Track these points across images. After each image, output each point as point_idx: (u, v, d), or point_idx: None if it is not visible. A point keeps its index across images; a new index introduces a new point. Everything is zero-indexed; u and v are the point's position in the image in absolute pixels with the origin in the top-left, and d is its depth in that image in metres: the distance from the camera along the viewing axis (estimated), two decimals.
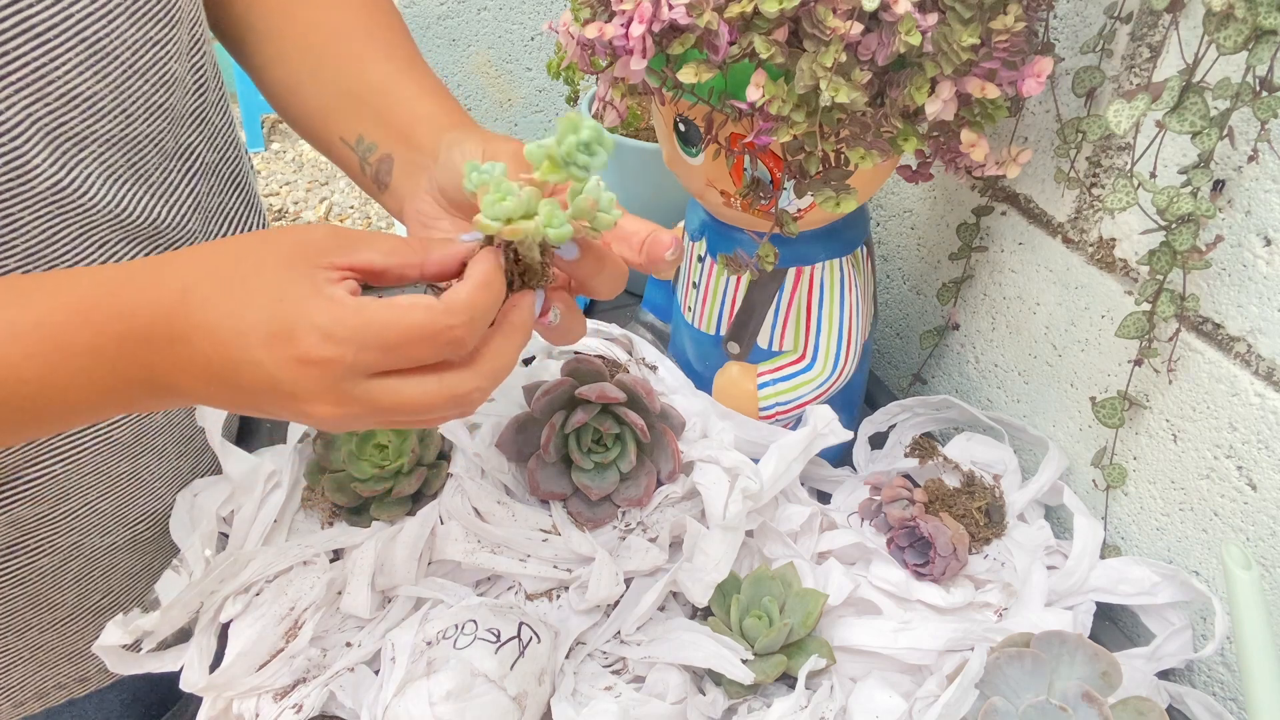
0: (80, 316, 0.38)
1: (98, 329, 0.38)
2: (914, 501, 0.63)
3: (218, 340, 0.37)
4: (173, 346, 0.38)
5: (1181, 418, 0.59)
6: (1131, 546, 0.65)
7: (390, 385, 0.37)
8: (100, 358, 0.38)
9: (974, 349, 0.76)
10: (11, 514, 0.59)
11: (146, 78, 0.54)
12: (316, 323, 0.35)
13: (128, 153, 0.54)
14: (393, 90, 0.54)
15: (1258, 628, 0.46)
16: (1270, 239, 0.51)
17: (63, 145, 0.50)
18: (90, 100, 0.51)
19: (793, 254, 0.63)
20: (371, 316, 0.36)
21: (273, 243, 0.38)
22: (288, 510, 0.62)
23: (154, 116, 0.55)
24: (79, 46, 0.49)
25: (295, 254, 0.37)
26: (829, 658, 0.56)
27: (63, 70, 0.49)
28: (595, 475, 0.61)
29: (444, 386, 0.38)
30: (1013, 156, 0.56)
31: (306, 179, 2.70)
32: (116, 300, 0.38)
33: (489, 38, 1.15)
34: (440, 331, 0.36)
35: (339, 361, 0.36)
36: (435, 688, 0.50)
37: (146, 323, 0.38)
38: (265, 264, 0.37)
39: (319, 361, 0.36)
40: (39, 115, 0.49)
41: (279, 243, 0.38)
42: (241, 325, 0.36)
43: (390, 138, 0.53)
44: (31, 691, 0.68)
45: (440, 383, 0.38)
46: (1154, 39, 0.55)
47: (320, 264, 0.37)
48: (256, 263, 0.37)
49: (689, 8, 0.47)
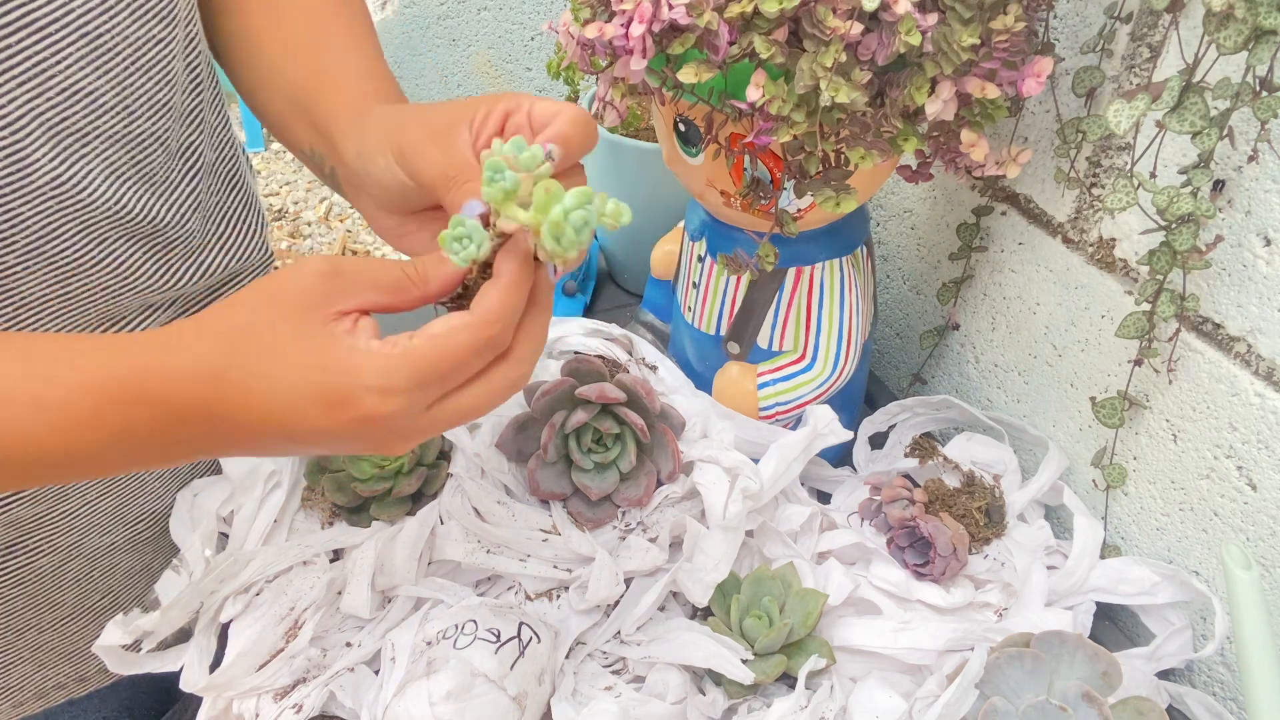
0: (107, 400, 0.38)
1: (126, 412, 0.38)
2: (914, 501, 0.63)
3: (269, 415, 0.37)
4: (213, 425, 0.38)
5: (1181, 418, 0.59)
6: (1131, 546, 0.65)
7: (450, 405, 0.38)
8: (130, 436, 0.38)
9: (974, 349, 0.76)
10: (11, 514, 0.59)
11: (149, 75, 0.54)
12: (369, 384, 0.36)
13: (131, 150, 0.54)
14: (318, 92, 0.53)
15: (1258, 628, 0.46)
16: (1270, 239, 0.51)
17: (64, 140, 0.50)
18: (93, 96, 0.51)
19: (793, 254, 0.63)
20: (419, 357, 0.36)
21: (273, 302, 0.37)
22: (288, 510, 0.62)
23: (157, 114, 0.55)
24: (80, 41, 0.49)
25: (301, 310, 0.37)
26: (829, 658, 0.56)
27: (65, 65, 0.49)
28: (595, 475, 0.61)
29: (494, 386, 0.39)
30: (1013, 156, 0.56)
31: (306, 179, 2.70)
32: (145, 387, 0.38)
33: (489, 38, 1.15)
34: (484, 343, 0.37)
35: (403, 410, 0.36)
36: (435, 688, 0.50)
37: (180, 407, 0.38)
38: (280, 329, 0.37)
39: (384, 416, 0.36)
40: (41, 109, 0.48)
41: (279, 301, 0.37)
42: (289, 399, 0.36)
43: (326, 149, 0.52)
44: (31, 691, 0.68)
45: (490, 384, 0.38)
46: (1154, 39, 0.55)
47: (329, 314, 0.37)
48: (270, 330, 0.37)
49: (689, 8, 0.47)
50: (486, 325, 0.37)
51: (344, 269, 0.38)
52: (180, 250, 0.59)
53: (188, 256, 0.60)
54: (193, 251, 0.60)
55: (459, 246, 0.37)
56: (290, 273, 0.38)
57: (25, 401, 0.38)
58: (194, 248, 0.61)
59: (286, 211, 2.61)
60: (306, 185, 2.70)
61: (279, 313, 0.37)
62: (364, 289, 0.38)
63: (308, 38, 0.56)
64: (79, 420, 0.38)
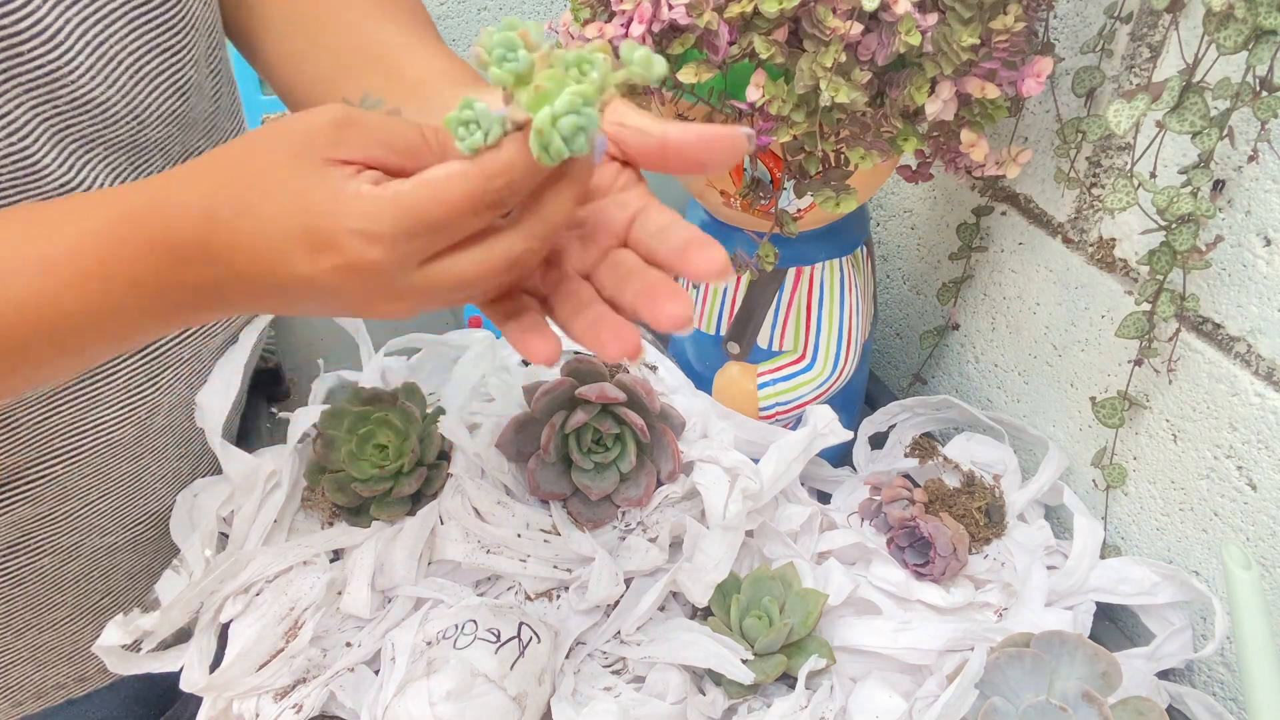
0: (113, 243, 0.36)
1: (132, 260, 0.36)
2: (914, 501, 0.63)
3: (256, 258, 0.35)
4: (212, 267, 0.36)
5: (1181, 418, 0.59)
6: (1131, 546, 0.65)
7: (444, 266, 0.35)
8: (141, 287, 0.37)
9: (974, 349, 0.76)
10: (12, 514, 0.59)
11: (159, 85, 0.54)
12: (353, 227, 0.33)
13: (133, 156, 0.54)
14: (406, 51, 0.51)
15: (1258, 628, 0.46)
16: (1270, 239, 0.51)
17: (70, 146, 0.50)
18: (103, 106, 0.51)
19: (793, 254, 0.63)
20: (409, 202, 0.33)
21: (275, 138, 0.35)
22: (288, 510, 0.62)
23: (166, 123, 0.55)
24: (86, 50, 0.49)
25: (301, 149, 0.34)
26: (829, 658, 0.56)
27: (75, 75, 0.49)
28: (595, 475, 0.61)
29: (493, 253, 0.35)
30: (1013, 156, 0.56)
31: None
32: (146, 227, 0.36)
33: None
34: (481, 196, 0.33)
35: (388, 260, 0.34)
36: (435, 688, 0.50)
37: (180, 246, 0.36)
38: (275, 167, 0.35)
39: (368, 266, 0.34)
40: (48, 116, 0.49)
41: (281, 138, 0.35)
42: (274, 241, 0.34)
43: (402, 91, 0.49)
44: (30, 691, 0.68)
45: (489, 250, 0.35)
46: (1154, 39, 0.55)
47: (330, 159, 0.34)
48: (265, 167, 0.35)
49: (689, 8, 0.47)
50: (487, 177, 0.33)
51: (357, 119, 0.35)
52: None
53: None
54: None
55: (465, 132, 0.33)
56: (300, 115, 0.35)
57: (35, 260, 0.36)
58: None
59: None
60: None
61: (278, 150, 0.35)
62: (374, 144, 0.35)
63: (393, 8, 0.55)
64: (90, 270, 0.36)
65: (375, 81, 0.50)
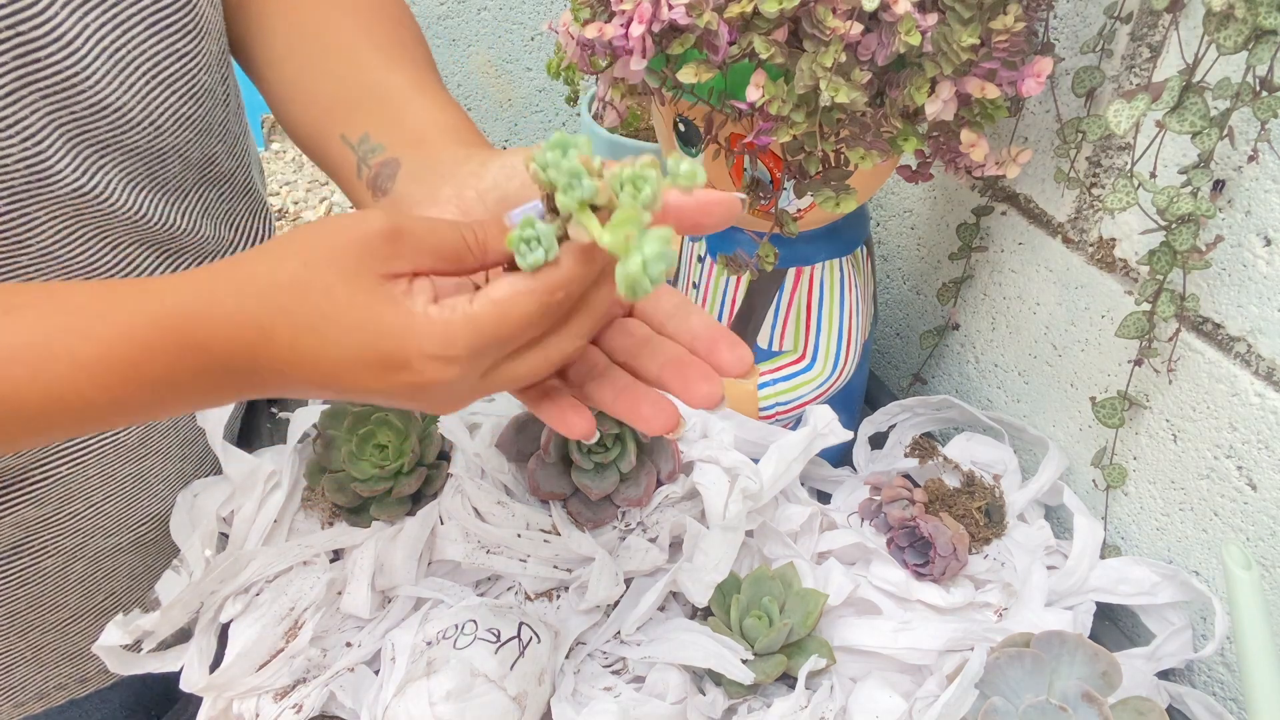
0: (147, 350, 0.37)
1: (170, 363, 0.37)
2: (914, 501, 0.63)
3: (319, 370, 0.36)
4: (258, 374, 0.37)
5: (1181, 418, 0.59)
6: (1131, 546, 0.65)
7: (505, 371, 0.37)
8: (177, 382, 0.37)
9: (974, 349, 0.76)
10: (16, 515, 0.59)
11: (174, 89, 0.54)
12: (429, 352, 0.34)
13: (149, 161, 0.54)
14: (408, 99, 0.52)
15: (1258, 628, 0.46)
16: (1270, 239, 0.51)
17: (85, 152, 0.50)
18: (119, 111, 0.51)
19: (793, 254, 0.63)
20: (480, 325, 0.34)
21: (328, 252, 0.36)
22: (288, 510, 0.62)
23: (182, 128, 0.55)
24: (102, 55, 0.49)
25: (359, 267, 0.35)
26: (829, 658, 0.56)
27: (91, 80, 0.49)
28: (595, 475, 0.61)
29: (549, 354, 0.37)
30: (1013, 156, 0.56)
31: (307, 179, 2.70)
32: (189, 335, 0.36)
33: (489, 38, 1.15)
34: (545, 310, 0.35)
35: (461, 376, 0.35)
36: (435, 688, 0.50)
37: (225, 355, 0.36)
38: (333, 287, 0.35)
39: (440, 381, 0.35)
40: (63, 121, 0.48)
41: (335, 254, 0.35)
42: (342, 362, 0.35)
43: (402, 142, 0.50)
44: (32, 692, 0.68)
45: (545, 351, 0.37)
46: (1154, 39, 0.55)
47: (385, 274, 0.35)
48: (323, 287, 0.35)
49: (689, 8, 0.47)
50: (550, 291, 0.34)
51: (406, 231, 0.36)
52: (191, 255, 0.60)
53: (198, 260, 0.61)
54: (204, 256, 0.61)
55: (527, 249, 0.35)
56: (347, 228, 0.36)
57: (64, 357, 0.37)
58: (205, 252, 0.61)
59: (286, 211, 2.61)
60: (306, 185, 2.70)
61: (334, 272, 0.35)
62: (424, 254, 0.36)
63: (400, 50, 0.55)
64: (120, 373, 0.37)
65: (374, 124, 0.51)
